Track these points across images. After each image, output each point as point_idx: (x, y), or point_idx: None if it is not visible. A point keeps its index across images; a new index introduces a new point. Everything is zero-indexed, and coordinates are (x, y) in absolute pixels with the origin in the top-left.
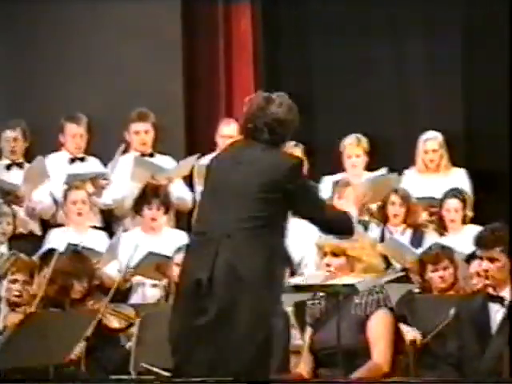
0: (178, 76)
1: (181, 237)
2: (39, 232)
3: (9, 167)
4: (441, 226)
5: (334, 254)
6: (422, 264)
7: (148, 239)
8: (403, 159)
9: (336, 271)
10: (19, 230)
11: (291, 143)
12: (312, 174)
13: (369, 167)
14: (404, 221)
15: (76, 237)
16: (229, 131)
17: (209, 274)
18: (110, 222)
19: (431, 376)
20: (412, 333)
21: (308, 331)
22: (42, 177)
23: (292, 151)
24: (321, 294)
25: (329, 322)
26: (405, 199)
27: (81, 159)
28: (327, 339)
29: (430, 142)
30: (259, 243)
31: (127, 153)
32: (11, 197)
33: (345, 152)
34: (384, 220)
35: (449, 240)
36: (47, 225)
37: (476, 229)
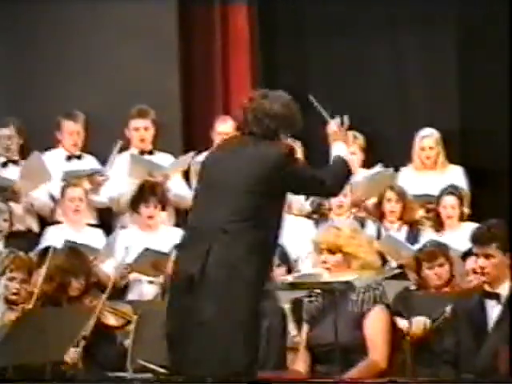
0: (175, 74)
1: (178, 234)
2: (37, 228)
3: (4, 165)
4: (437, 223)
5: (331, 251)
6: (418, 261)
7: (145, 237)
8: (399, 156)
9: (332, 268)
10: (17, 227)
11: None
12: None
13: (365, 165)
14: (400, 217)
15: (73, 234)
16: (225, 128)
17: (201, 269)
18: (106, 220)
19: (428, 372)
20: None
21: (305, 328)
22: (43, 175)
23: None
24: (317, 291)
25: (325, 319)
26: (401, 196)
27: (77, 157)
28: (324, 336)
29: (427, 139)
30: (251, 237)
31: (128, 150)
32: (8, 193)
33: None
34: (380, 217)
35: (445, 237)
36: (45, 222)
37: (472, 226)
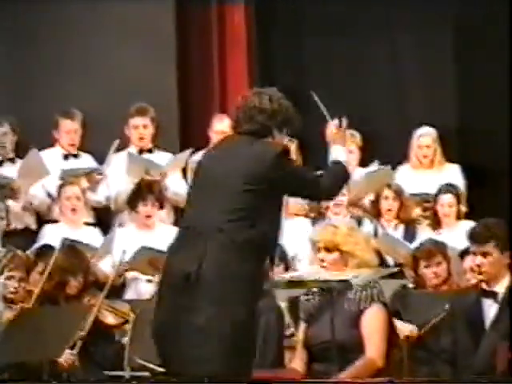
0: (173, 74)
1: (175, 232)
2: (34, 226)
3: (0, 163)
4: (435, 222)
5: (328, 250)
6: (415, 260)
7: (142, 235)
8: (397, 155)
9: (330, 266)
10: (14, 225)
11: (285, 138)
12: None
13: (363, 163)
14: (397, 216)
15: (70, 233)
16: (222, 127)
17: (197, 268)
18: (104, 218)
19: (425, 370)
20: (408, 327)
21: (302, 326)
22: (41, 172)
23: (289, 145)
24: (315, 290)
25: (323, 317)
26: (398, 194)
27: (75, 155)
28: (321, 334)
29: (424, 138)
30: (247, 236)
31: (127, 148)
32: (7, 190)
33: None
34: (377, 215)
35: (443, 235)
36: (42, 220)
37: (470, 224)
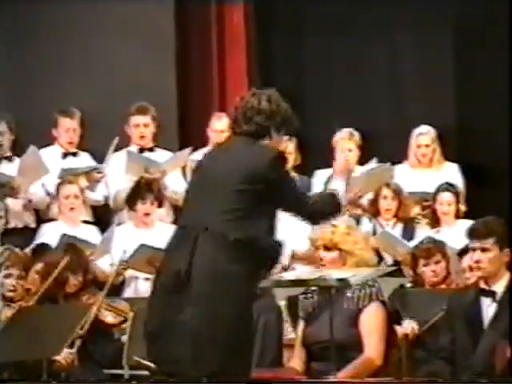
0: (172, 73)
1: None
2: (34, 225)
3: None
4: (434, 220)
5: (327, 248)
6: (414, 258)
7: (140, 234)
8: (395, 154)
9: (328, 265)
10: (14, 224)
11: (283, 139)
12: (305, 168)
13: (362, 162)
14: (395, 215)
15: (68, 231)
16: (220, 126)
17: (187, 266)
18: (102, 217)
19: (423, 369)
20: (410, 324)
21: (301, 325)
22: (40, 170)
23: (285, 145)
24: (313, 288)
25: (321, 316)
26: (397, 193)
27: (73, 154)
28: (320, 333)
29: (423, 137)
30: (238, 237)
31: (128, 147)
32: (6, 189)
33: (337, 146)
34: (375, 214)
35: (442, 234)
36: (41, 219)
37: (469, 223)
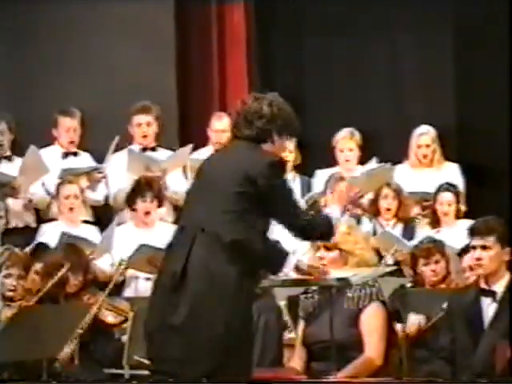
0: (173, 73)
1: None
2: (34, 224)
3: None
4: (434, 220)
5: (327, 248)
6: (414, 258)
7: (140, 233)
8: (395, 154)
9: (329, 265)
10: (15, 224)
11: (285, 143)
12: (305, 168)
13: (361, 162)
14: (395, 215)
15: (68, 231)
16: (221, 126)
17: (182, 267)
18: (102, 217)
19: (424, 369)
20: (416, 319)
21: (301, 325)
22: (40, 170)
23: (285, 145)
24: (314, 288)
25: (322, 316)
26: (397, 193)
27: (74, 154)
28: (320, 333)
29: (424, 137)
30: (234, 238)
31: (129, 147)
32: (7, 189)
33: (338, 146)
34: (375, 214)
35: (442, 234)
36: (42, 218)
37: (469, 223)
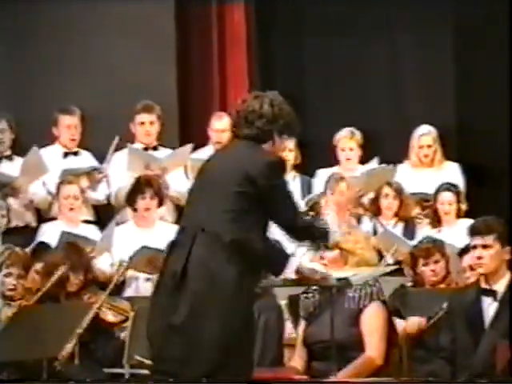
0: (173, 73)
1: (174, 231)
2: (35, 224)
3: None
4: (435, 220)
5: (328, 247)
6: (414, 258)
7: (141, 233)
8: (396, 153)
9: (329, 264)
10: (16, 223)
11: (285, 142)
12: (305, 168)
13: (362, 161)
14: (396, 214)
15: (68, 230)
16: (221, 125)
17: (182, 267)
18: (103, 216)
19: (424, 369)
20: (417, 320)
21: (301, 324)
22: (41, 170)
23: (285, 144)
24: (314, 288)
25: (322, 316)
26: (398, 192)
27: (74, 153)
28: (321, 332)
29: (425, 138)
30: (233, 238)
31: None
32: (8, 189)
33: (338, 145)
34: (376, 213)
35: (442, 233)
36: (43, 218)
37: (470, 222)
